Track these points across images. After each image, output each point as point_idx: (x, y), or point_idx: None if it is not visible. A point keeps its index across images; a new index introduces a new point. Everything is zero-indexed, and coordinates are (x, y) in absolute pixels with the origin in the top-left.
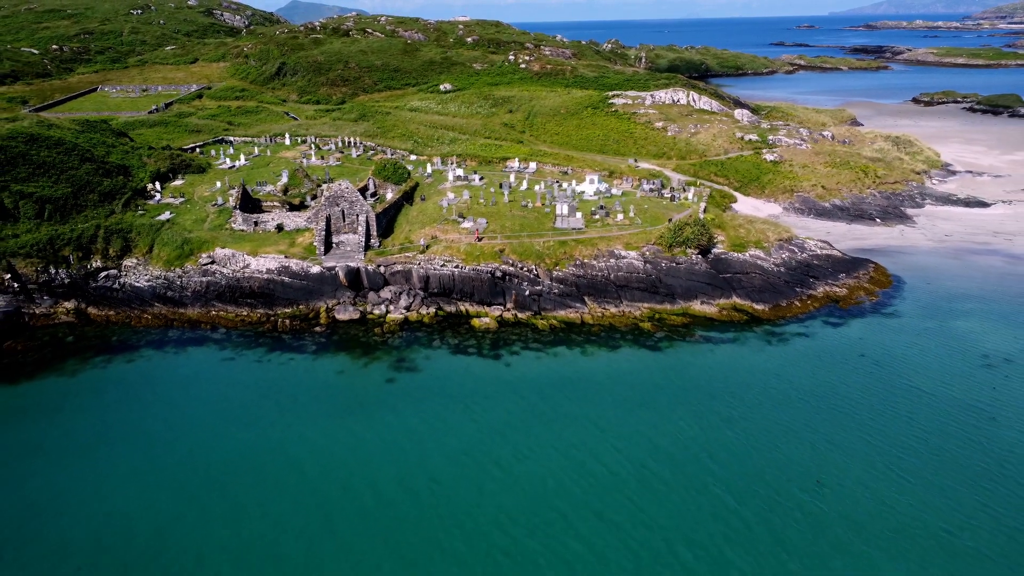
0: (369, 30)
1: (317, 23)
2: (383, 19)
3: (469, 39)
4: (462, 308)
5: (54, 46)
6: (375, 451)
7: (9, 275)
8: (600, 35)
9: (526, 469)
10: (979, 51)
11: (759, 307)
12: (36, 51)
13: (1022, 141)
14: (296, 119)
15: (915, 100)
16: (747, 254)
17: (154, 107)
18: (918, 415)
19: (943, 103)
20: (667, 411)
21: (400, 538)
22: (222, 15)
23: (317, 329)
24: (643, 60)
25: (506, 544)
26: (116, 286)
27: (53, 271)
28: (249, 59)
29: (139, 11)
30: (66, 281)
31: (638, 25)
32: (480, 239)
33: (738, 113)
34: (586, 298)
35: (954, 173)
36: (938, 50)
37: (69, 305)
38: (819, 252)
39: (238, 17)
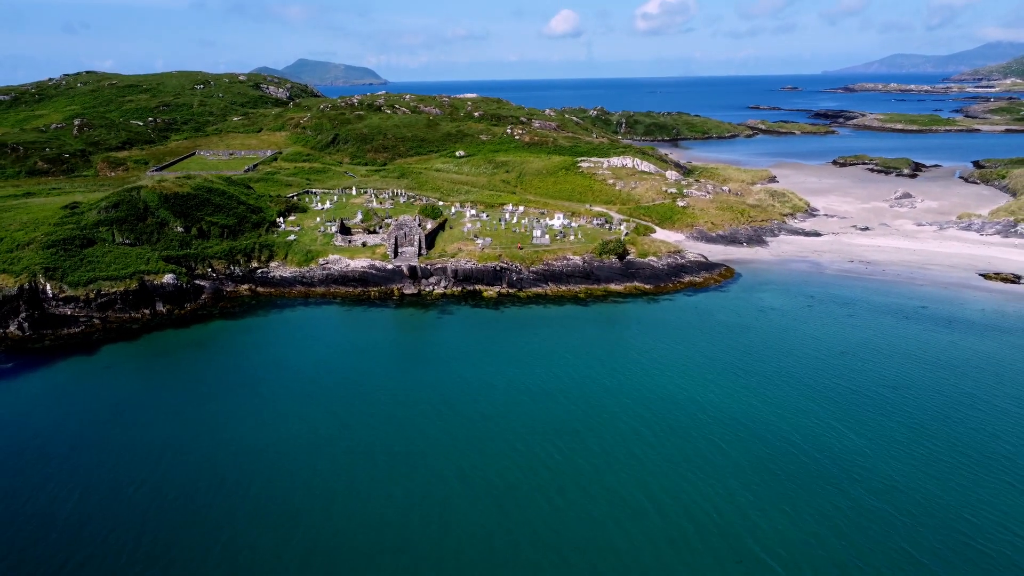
0: (397, 106)
1: (355, 100)
2: (407, 97)
3: (476, 113)
4: (476, 287)
5: (150, 118)
6: (432, 346)
7: (210, 269)
8: (596, 96)
9: (512, 349)
10: (916, 118)
11: (648, 287)
12: (140, 123)
13: (883, 195)
14: (354, 176)
15: (834, 162)
16: (647, 259)
17: (247, 167)
18: (712, 330)
19: (853, 164)
20: (586, 330)
21: (444, 370)
22: (267, 88)
23: (393, 298)
24: (623, 125)
25: (498, 379)
26: (270, 276)
27: (232, 268)
28: (307, 130)
29: (201, 86)
30: (240, 274)
31: (633, 84)
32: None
33: (669, 174)
34: (549, 282)
35: (814, 215)
36: (883, 116)
37: (245, 286)
38: (693, 259)
39: (280, 90)
